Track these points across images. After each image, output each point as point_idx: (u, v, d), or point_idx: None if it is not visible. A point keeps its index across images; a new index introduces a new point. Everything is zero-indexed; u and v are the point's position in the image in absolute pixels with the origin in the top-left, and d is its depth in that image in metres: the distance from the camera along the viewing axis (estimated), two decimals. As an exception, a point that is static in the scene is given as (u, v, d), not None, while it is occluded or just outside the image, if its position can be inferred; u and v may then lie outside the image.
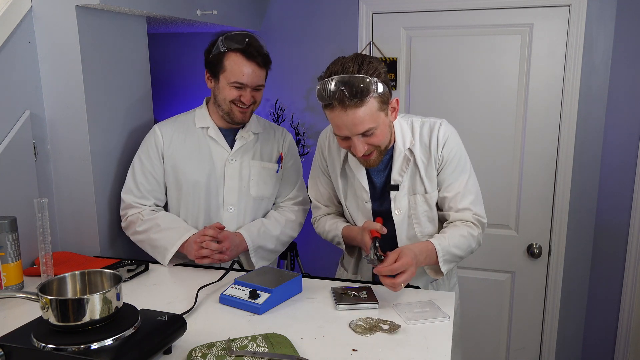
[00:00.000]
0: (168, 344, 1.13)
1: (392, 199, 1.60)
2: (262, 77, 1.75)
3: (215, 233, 1.67)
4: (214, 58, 1.73)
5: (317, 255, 2.87)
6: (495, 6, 2.39)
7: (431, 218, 1.62)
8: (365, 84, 1.38)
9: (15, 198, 1.66)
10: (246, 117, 1.78)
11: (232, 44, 1.69)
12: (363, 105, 1.39)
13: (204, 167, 1.79)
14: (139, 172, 1.80)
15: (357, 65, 1.40)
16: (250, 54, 1.69)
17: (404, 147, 1.57)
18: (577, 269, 2.51)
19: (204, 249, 1.65)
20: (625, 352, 2.48)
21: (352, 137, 1.44)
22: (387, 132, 1.49)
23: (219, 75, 1.73)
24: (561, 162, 2.42)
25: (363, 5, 2.56)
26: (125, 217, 1.82)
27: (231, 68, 1.69)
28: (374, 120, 1.42)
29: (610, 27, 2.29)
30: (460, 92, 2.50)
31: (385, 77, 1.45)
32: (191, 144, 1.80)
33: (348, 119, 1.40)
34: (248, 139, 1.83)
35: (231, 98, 1.72)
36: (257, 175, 1.83)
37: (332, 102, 1.40)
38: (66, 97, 1.74)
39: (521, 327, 2.62)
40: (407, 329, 1.28)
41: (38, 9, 1.69)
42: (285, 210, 1.92)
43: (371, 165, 1.55)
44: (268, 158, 1.87)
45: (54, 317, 1.03)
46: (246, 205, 1.83)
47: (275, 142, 1.90)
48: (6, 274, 1.49)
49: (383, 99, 1.43)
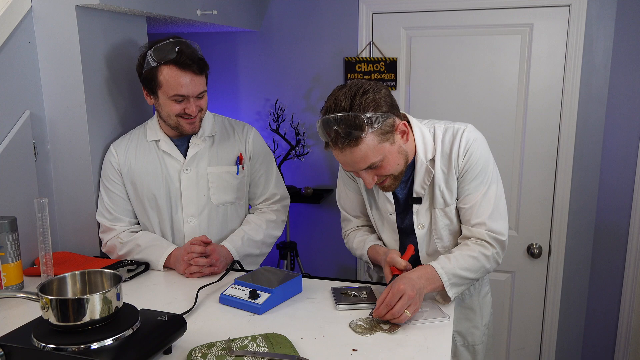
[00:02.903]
0: (168, 344, 1.13)
1: (414, 212, 1.53)
2: (202, 84, 1.65)
3: (202, 249, 1.62)
4: (147, 74, 1.63)
5: (317, 255, 2.87)
6: (495, 6, 2.39)
7: (453, 231, 1.54)
8: (358, 122, 1.30)
9: (15, 198, 1.66)
10: (196, 127, 1.70)
11: (163, 56, 1.60)
12: (359, 143, 1.32)
13: (160, 180, 1.74)
14: (105, 196, 1.77)
15: (348, 101, 1.32)
16: (184, 63, 1.59)
17: (425, 158, 1.47)
18: (577, 269, 2.51)
19: (192, 266, 1.62)
20: (625, 353, 2.48)
21: (358, 171, 1.40)
22: (396, 159, 1.40)
23: (156, 91, 1.64)
24: (561, 162, 2.42)
25: (363, 5, 2.56)
26: (105, 242, 1.79)
27: (167, 82, 1.60)
28: (377, 154, 1.35)
29: (610, 27, 2.29)
30: (460, 92, 2.50)
31: (386, 104, 1.35)
32: (145, 158, 1.75)
33: (347, 159, 1.36)
34: (201, 145, 1.75)
35: (176, 112, 1.64)
36: (216, 181, 1.75)
37: (329, 142, 1.36)
38: (66, 97, 1.74)
39: (521, 327, 2.62)
40: (407, 329, 1.28)
41: (38, 9, 1.69)
42: (264, 213, 1.86)
43: (387, 190, 1.48)
44: (227, 161, 1.78)
45: (54, 317, 1.03)
46: (209, 214, 1.77)
47: (235, 141, 1.81)
48: (6, 274, 1.49)
49: (383, 130, 1.34)
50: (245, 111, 2.86)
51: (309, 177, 2.80)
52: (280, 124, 2.73)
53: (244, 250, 1.75)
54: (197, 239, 1.65)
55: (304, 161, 2.77)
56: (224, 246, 1.72)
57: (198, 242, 1.63)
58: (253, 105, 2.84)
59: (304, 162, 2.78)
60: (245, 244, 1.76)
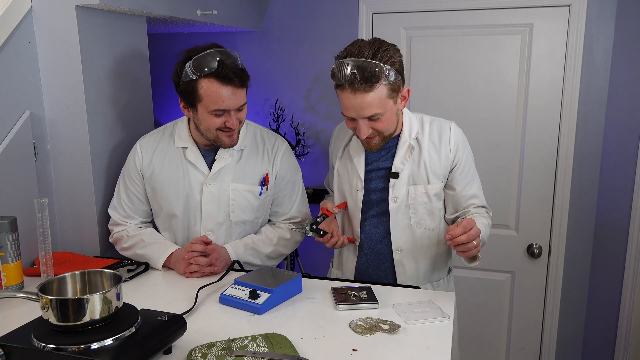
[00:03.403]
0: (168, 344, 1.13)
1: (390, 186, 1.61)
2: (243, 97, 1.59)
3: (202, 248, 1.60)
4: (185, 87, 1.56)
5: (317, 255, 2.87)
6: (495, 6, 2.39)
7: (430, 211, 1.63)
8: (378, 70, 1.41)
9: (15, 198, 1.66)
10: (234, 140, 1.64)
11: (203, 69, 1.52)
12: (372, 90, 1.42)
13: (181, 191, 1.70)
14: (123, 192, 1.76)
15: (372, 50, 1.43)
16: (226, 76, 1.52)
17: (409, 136, 1.60)
18: (577, 269, 2.51)
19: (192, 265, 1.61)
20: (625, 352, 2.48)
21: (357, 120, 1.49)
22: (393, 119, 1.52)
23: (196, 105, 1.58)
24: (561, 162, 2.42)
25: (363, 5, 2.56)
26: (112, 233, 1.80)
27: (208, 96, 1.54)
28: (381, 107, 1.45)
29: (610, 27, 2.29)
30: (460, 92, 2.50)
31: (400, 66, 1.48)
32: (169, 165, 1.71)
33: (356, 102, 1.44)
34: (228, 160, 1.69)
35: (216, 127, 1.58)
36: (238, 199, 1.70)
37: (343, 84, 1.44)
38: (66, 97, 1.74)
39: (521, 327, 2.62)
40: (407, 329, 1.28)
41: (38, 9, 1.69)
42: (280, 228, 1.80)
43: (371, 148, 1.58)
44: (251, 180, 1.71)
45: (54, 317, 1.03)
46: (227, 231, 1.73)
47: (263, 160, 1.74)
48: (6, 274, 1.49)
49: (393, 87, 1.46)
50: (245, 111, 2.85)
51: (309, 177, 2.80)
52: (280, 124, 2.73)
53: (245, 258, 1.72)
54: (197, 239, 1.64)
55: (303, 161, 2.78)
56: (225, 248, 1.71)
57: (198, 242, 1.63)
58: (253, 105, 2.84)
59: (303, 162, 2.78)
60: (248, 252, 1.73)
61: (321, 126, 2.76)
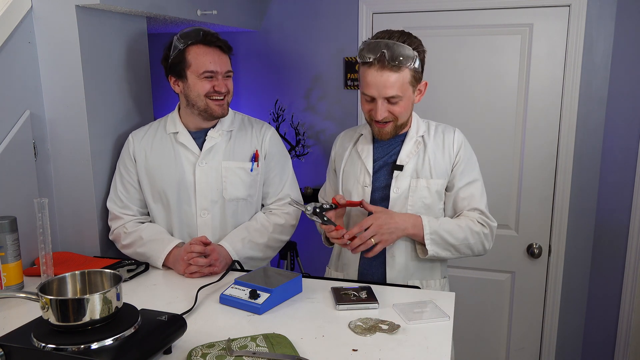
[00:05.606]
0: (168, 344, 1.13)
1: (394, 177, 1.64)
2: (228, 63, 1.73)
3: (201, 249, 1.62)
4: (175, 59, 1.69)
5: (317, 255, 2.87)
6: (495, 6, 2.39)
7: (428, 206, 1.64)
8: (407, 53, 1.48)
9: (15, 198, 1.66)
10: (225, 109, 1.73)
11: (189, 39, 1.68)
12: (398, 71, 1.49)
13: (174, 173, 1.75)
14: (119, 182, 1.80)
15: (403, 37, 1.51)
16: (210, 41, 1.69)
17: (416, 133, 1.66)
18: (577, 269, 2.51)
19: (192, 266, 1.62)
20: (625, 352, 2.48)
21: (377, 100, 1.53)
22: (409, 107, 1.58)
23: (185, 73, 1.69)
24: (561, 162, 2.42)
25: (363, 5, 2.56)
26: (112, 230, 1.82)
27: (196, 60, 1.67)
28: (402, 90, 1.51)
29: (610, 27, 2.29)
30: (460, 92, 2.50)
31: (424, 58, 1.56)
32: (161, 150, 1.77)
33: (381, 80, 1.49)
34: (218, 139, 1.76)
35: (205, 91, 1.68)
36: (230, 176, 1.76)
37: (372, 61, 1.49)
38: (66, 97, 1.74)
39: (521, 327, 2.62)
40: (407, 329, 1.28)
41: (38, 9, 1.69)
42: (273, 214, 1.84)
43: (383, 137, 1.62)
44: (242, 157, 1.78)
45: (54, 317, 1.03)
46: (221, 209, 1.77)
47: (252, 138, 1.81)
48: (6, 274, 1.49)
49: (416, 75, 1.53)
50: (245, 111, 2.84)
51: (309, 177, 2.80)
52: (280, 123, 2.73)
53: (245, 253, 1.74)
54: (196, 239, 1.65)
55: (303, 161, 2.78)
56: (224, 247, 1.71)
57: (197, 242, 1.63)
58: (253, 105, 2.84)
59: (304, 162, 2.78)
60: (247, 247, 1.74)
61: (321, 126, 2.76)
